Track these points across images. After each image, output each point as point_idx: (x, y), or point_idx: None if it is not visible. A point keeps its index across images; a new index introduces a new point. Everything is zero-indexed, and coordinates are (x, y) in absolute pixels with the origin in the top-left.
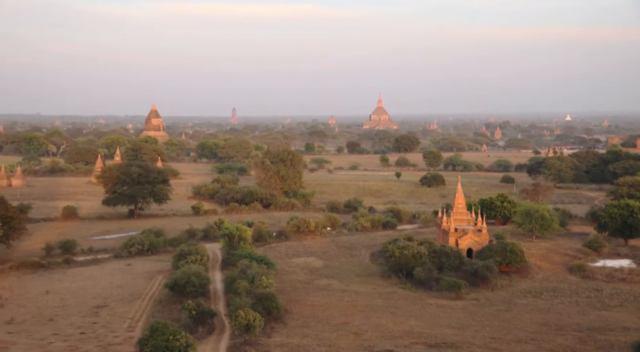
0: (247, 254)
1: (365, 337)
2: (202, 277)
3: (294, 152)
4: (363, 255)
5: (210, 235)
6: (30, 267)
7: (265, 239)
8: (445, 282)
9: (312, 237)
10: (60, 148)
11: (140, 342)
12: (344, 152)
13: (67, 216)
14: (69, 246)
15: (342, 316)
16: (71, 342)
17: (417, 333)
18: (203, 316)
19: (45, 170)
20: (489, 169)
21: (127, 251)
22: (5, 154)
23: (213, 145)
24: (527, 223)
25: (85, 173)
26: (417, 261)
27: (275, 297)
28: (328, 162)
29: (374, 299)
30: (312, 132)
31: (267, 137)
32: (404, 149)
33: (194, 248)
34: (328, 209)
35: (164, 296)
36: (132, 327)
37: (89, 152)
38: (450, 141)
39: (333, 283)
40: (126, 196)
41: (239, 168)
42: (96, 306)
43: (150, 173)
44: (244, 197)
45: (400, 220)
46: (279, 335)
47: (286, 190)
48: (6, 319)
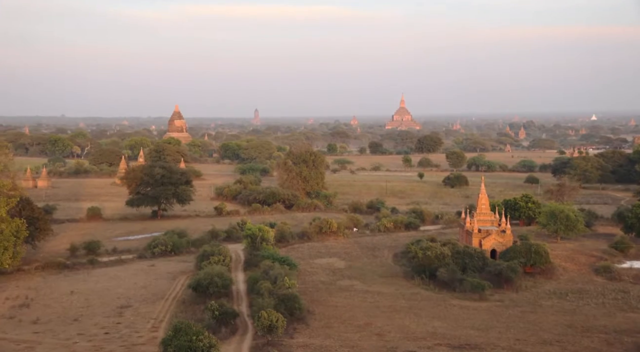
0: (270, 254)
1: (388, 338)
2: (225, 278)
3: (316, 152)
4: (386, 256)
5: (232, 236)
6: (56, 267)
7: (287, 239)
8: (468, 283)
9: (334, 238)
10: (85, 150)
11: (163, 342)
12: (366, 152)
13: (92, 217)
14: (93, 247)
15: (365, 316)
16: (96, 342)
17: (441, 334)
18: (226, 317)
19: (70, 171)
20: (513, 169)
21: (150, 252)
22: (31, 155)
23: (236, 146)
24: (551, 224)
25: (109, 174)
26: (441, 261)
27: (297, 298)
28: (350, 163)
29: (397, 300)
30: (334, 132)
31: (290, 138)
32: (427, 150)
33: (216, 249)
34: (350, 209)
35: (187, 296)
36: (156, 327)
37: (112, 154)
38: (473, 141)
39: (356, 284)
40: (149, 197)
41: (262, 169)
42: (120, 306)
43: (174, 174)
44: (266, 198)
45: (423, 221)
46: (302, 336)
47: (308, 191)
48: (32, 319)
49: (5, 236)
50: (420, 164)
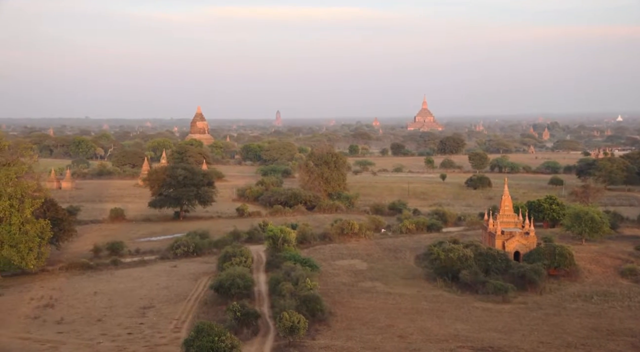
0: (291, 256)
1: (410, 340)
2: (247, 279)
3: (338, 154)
4: (408, 257)
5: (254, 237)
6: (79, 268)
7: (309, 241)
8: (491, 286)
9: (356, 240)
10: (108, 151)
11: (186, 343)
12: (388, 154)
13: (115, 218)
14: (116, 248)
15: (387, 318)
16: (119, 342)
17: (464, 337)
18: (248, 318)
19: (94, 173)
20: (537, 170)
21: (172, 253)
22: (55, 157)
23: (257, 148)
24: (576, 226)
25: (132, 176)
26: (463, 263)
27: (319, 300)
28: (372, 164)
29: (419, 302)
30: (356, 134)
31: (311, 139)
32: (449, 151)
33: (238, 250)
34: (372, 211)
35: (209, 297)
36: (178, 328)
37: (135, 155)
38: (496, 143)
39: (377, 285)
40: (172, 198)
41: (283, 170)
42: (143, 306)
43: (196, 176)
44: (288, 199)
45: (445, 222)
46: (323, 337)
47: (330, 192)
48: (56, 319)
49: (30, 237)
50: (442, 165)
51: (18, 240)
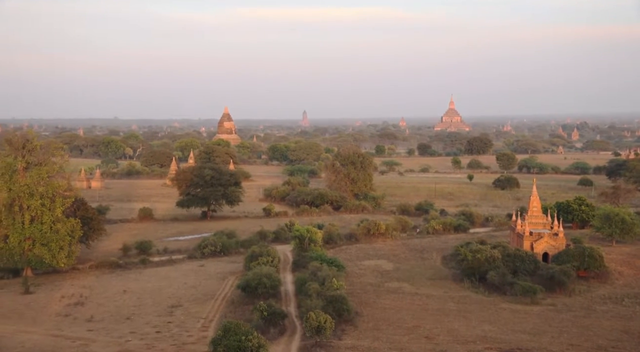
0: (318, 256)
1: (438, 341)
2: (274, 279)
3: (364, 154)
4: (434, 258)
5: (281, 237)
6: (109, 266)
7: (335, 241)
8: (520, 287)
9: (382, 240)
10: (137, 151)
11: (213, 342)
12: (414, 154)
13: (143, 218)
14: (145, 247)
15: (414, 319)
16: (147, 340)
17: (491, 338)
18: (274, 317)
19: (123, 172)
20: (566, 171)
21: (200, 252)
22: (85, 157)
23: (284, 148)
24: (606, 227)
25: (160, 175)
26: (491, 264)
27: (345, 300)
28: (398, 165)
29: (446, 303)
30: (382, 134)
31: (338, 139)
32: (477, 151)
33: (265, 250)
34: (398, 211)
35: (236, 296)
36: (206, 327)
37: (163, 155)
38: (524, 143)
39: (404, 286)
40: (199, 198)
41: (310, 170)
42: (171, 305)
43: (223, 175)
44: (314, 199)
45: (472, 223)
46: (350, 337)
47: (356, 192)
48: (86, 317)
49: (61, 236)
50: (469, 165)
51: (49, 238)
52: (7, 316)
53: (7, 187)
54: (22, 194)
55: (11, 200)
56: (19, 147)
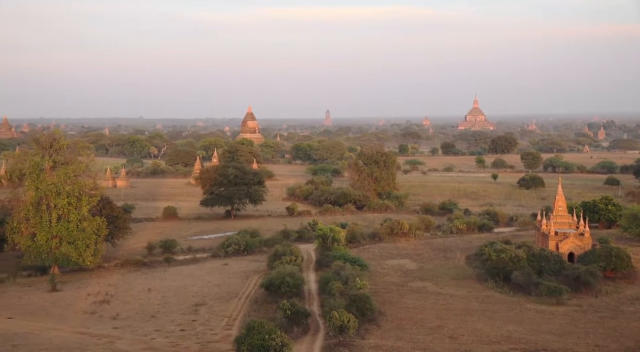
0: (341, 255)
1: (462, 341)
2: (297, 278)
3: (388, 153)
4: (458, 258)
5: (304, 236)
6: (134, 265)
7: (358, 240)
8: (545, 287)
9: (406, 240)
10: (162, 151)
11: (237, 340)
12: (438, 153)
13: (168, 217)
14: (169, 246)
15: (438, 319)
16: (172, 339)
17: (516, 339)
18: (298, 316)
19: (148, 172)
20: (592, 171)
21: (224, 251)
22: (111, 156)
23: (307, 148)
24: (634, 227)
25: (184, 175)
26: (515, 264)
27: (369, 299)
28: (422, 164)
29: (470, 303)
30: (406, 133)
31: (361, 139)
32: (501, 151)
33: (288, 249)
34: (422, 211)
35: (260, 295)
36: (230, 325)
37: (188, 155)
38: (550, 142)
39: (428, 286)
40: (223, 197)
41: (333, 170)
42: (195, 304)
43: (247, 175)
44: (337, 198)
45: (497, 223)
46: (374, 337)
47: (380, 192)
48: (112, 315)
49: (87, 234)
50: (494, 165)
51: (76, 237)
52: (35, 313)
53: (35, 186)
54: (50, 193)
55: (39, 199)
56: (47, 147)
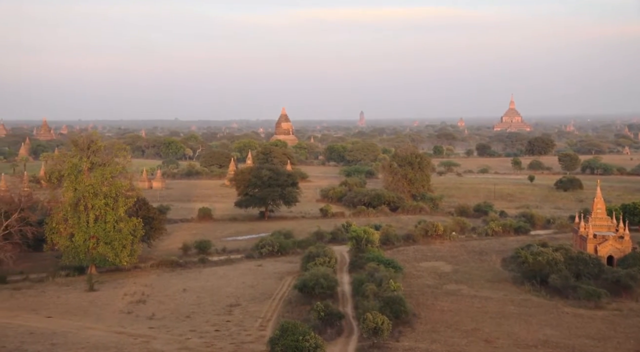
0: (375, 257)
1: (497, 344)
2: (330, 279)
3: (422, 155)
4: (494, 260)
5: (338, 237)
6: (169, 265)
7: (392, 242)
8: (583, 291)
9: (440, 241)
10: (196, 152)
11: (271, 341)
12: (473, 155)
13: (202, 217)
14: (204, 246)
15: (473, 322)
16: (207, 339)
17: (553, 343)
18: (331, 318)
19: (183, 173)
20: (632, 172)
21: (258, 252)
22: (146, 157)
23: (341, 149)
24: None
25: (219, 176)
26: (552, 267)
27: (403, 301)
28: (457, 165)
29: (506, 306)
30: (440, 134)
31: (395, 140)
32: (538, 152)
33: (322, 250)
34: (457, 212)
35: (294, 296)
36: (264, 326)
37: (222, 156)
38: (588, 143)
39: (462, 288)
40: (257, 198)
41: (367, 171)
42: (229, 304)
43: (280, 176)
44: (371, 200)
45: (533, 225)
46: (407, 339)
47: (414, 193)
48: (148, 314)
49: (124, 235)
50: (530, 166)
51: (112, 237)
52: (73, 312)
53: (73, 187)
54: (87, 194)
55: (77, 199)
56: (84, 148)
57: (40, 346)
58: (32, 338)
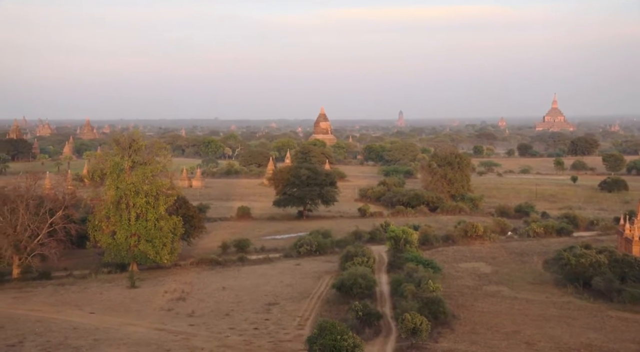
0: (413, 257)
1: (538, 347)
2: (369, 279)
3: (462, 154)
4: (535, 262)
5: (376, 237)
6: (208, 263)
7: (431, 242)
8: (628, 294)
9: (480, 242)
10: (235, 151)
11: (309, 340)
12: (514, 155)
13: (241, 216)
14: (243, 245)
15: (513, 324)
16: (245, 336)
17: (597, 347)
18: (369, 318)
19: (222, 172)
20: None
21: (296, 251)
22: (186, 156)
23: (379, 148)
24: None
25: (257, 175)
26: (596, 270)
27: (442, 302)
28: (497, 165)
29: (548, 309)
30: (480, 134)
31: (434, 139)
32: (581, 152)
33: (360, 250)
34: (497, 213)
35: (332, 296)
36: (302, 325)
37: (261, 155)
38: (634, 143)
39: (503, 290)
40: (295, 197)
41: (405, 171)
42: (268, 303)
43: (319, 175)
44: (410, 200)
45: (576, 226)
46: (446, 340)
47: (453, 193)
48: (188, 312)
49: (164, 233)
50: (573, 167)
51: (153, 235)
52: (115, 309)
53: (115, 185)
54: (129, 192)
55: (118, 198)
56: (126, 147)
57: (83, 341)
58: (76, 333)
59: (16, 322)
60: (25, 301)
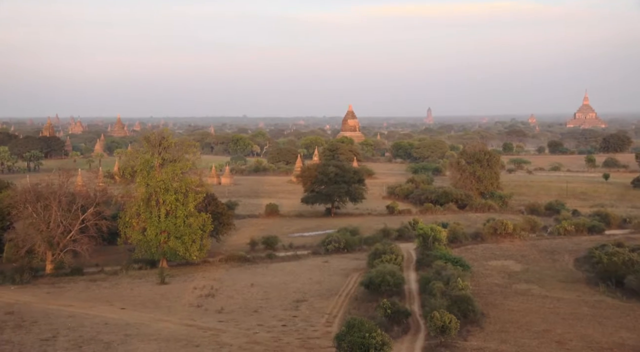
0: (442, 255)
1: (570, 346)
2: (397, 277)
3: (491, 152)
4: (566, 260)
5: (404, 235)
6: (237, 260)
7: (460, 240)
8: None
9: (510, 240)
10: (264, 148)
11: (337, 337)
12: (544, 152)
13: (270, 213)
14: (271, 242)
15: (543, 323)
16: (274, 333)
17: (630, 346)
18: (398, 315)
19: (250, 169)
20: None
21: (324, 248)
22: (215, 154)
23: (408, 146)
24: None
25: (285, 172)
26: (629, 268)
27: (471, 300)
28: (527, 163)
29: (579, 307)
30: (510, 131)
31: (463, 137)
32: (613, 149)
33: (388, 247)
34: (527, 211)
35: (360, 293)
36: (330, 322)
37: (289, 152)
38: None
39: (533, 288)
40: (323, 194)
41: (434, 168)
42: (296, 300)
43: (347, 173)
44: (438, 197)
45: (608, 224)
46: (476, 339)
47: (482, 191)
48: (217, 308)
49: (194, 230)
50: (605, 164)
51: (183, 232)
52: (146, 304)
53: (145, 182)
54: (158, 189)
55: (148, 195)
56: (156, 145)
57: (114, 336)
58: (107, 329)
59: (49, 317)
60: (58, 296)
